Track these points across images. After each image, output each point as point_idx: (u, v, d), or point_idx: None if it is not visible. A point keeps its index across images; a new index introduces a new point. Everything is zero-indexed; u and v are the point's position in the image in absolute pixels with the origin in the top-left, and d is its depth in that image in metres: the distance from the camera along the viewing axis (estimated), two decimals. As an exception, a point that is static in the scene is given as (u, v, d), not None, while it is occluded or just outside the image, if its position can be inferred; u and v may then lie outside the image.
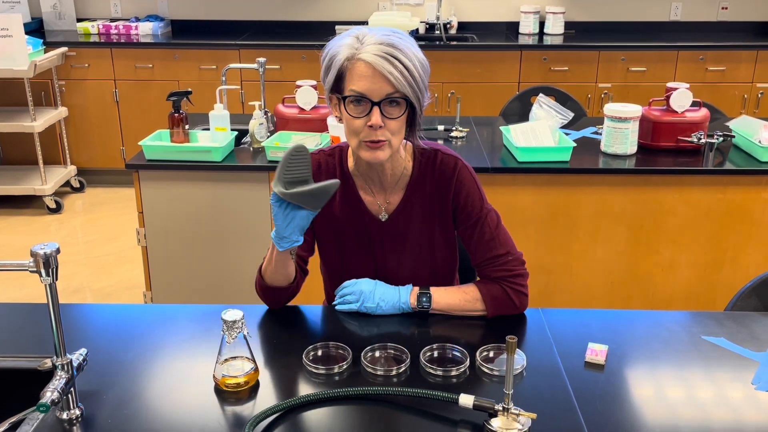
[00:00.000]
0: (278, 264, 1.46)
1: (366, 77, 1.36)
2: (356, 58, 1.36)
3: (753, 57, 4.35)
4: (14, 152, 4.60)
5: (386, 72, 1.34)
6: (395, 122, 1.40)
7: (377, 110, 1.37)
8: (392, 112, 1.39)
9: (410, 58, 1.36)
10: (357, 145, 1.44)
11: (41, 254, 1.09)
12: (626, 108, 2.59)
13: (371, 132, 1.39)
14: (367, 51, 1.35)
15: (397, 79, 1.35)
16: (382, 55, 1.34)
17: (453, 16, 4.84)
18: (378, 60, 1.34)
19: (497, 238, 1.53)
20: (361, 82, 1.36)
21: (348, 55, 1.37)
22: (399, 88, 1.36)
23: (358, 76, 1.37)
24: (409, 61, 1.36)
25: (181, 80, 4.41)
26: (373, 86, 1.36)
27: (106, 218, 4.22)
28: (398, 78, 1.35)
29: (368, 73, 1.36)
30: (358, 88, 1.37)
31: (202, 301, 2.69)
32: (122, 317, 1.55)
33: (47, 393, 1.10)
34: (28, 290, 3.25)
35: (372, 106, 1.37)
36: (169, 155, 2.57)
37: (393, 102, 1.38)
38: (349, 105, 1.40)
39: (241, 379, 1.26)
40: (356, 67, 1.37)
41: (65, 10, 4.87)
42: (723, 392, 1.29)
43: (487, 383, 1.30)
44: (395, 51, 1.35)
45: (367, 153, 1.43)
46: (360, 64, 1.36)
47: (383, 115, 1.38)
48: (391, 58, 1.34)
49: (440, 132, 2.92)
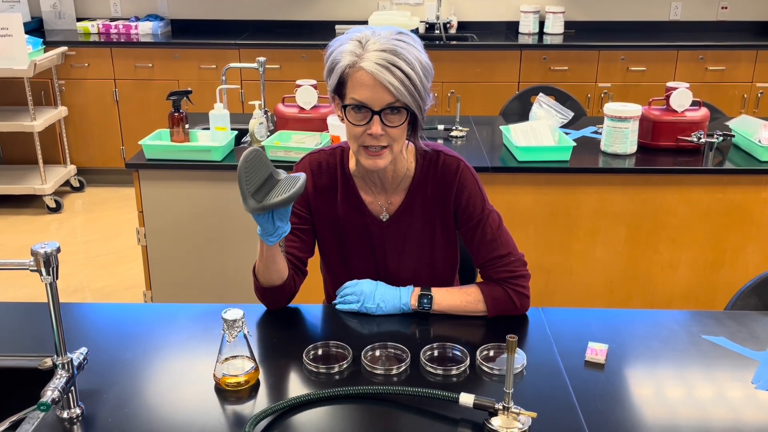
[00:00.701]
0: (269, 260, 1.46)
1: (367, 86, 1.36)
2: (357, 66, 1.36)
3: (753, 57, 4.35)
4: (14, 152, 4.60)
5: (386, 82, 1.34)
6: (396, 129, 1.40)
7: (378, 119, 1.38)
8: (393, 120, 1.39)
9: (412, 65, 1.36)
10: (357, 150, 1.44)
11: (42, 253, 1.09)
12: (626, 107, 2.60)
13: (371, 139, 1.40)
14: (368, 59, 1.35)
15: (398, 89, 1.34)
16: (383, 63, 1.34)
17: (453, 15, 4.85)
18: (379, 70, 1.33)
19: (499, 239, 1.54)
20: (362, 91, 1.36)
21: (349, 62, 1.37)
22: (399, 98, 1.35)
23: (359, 85, 1.36)
24: (411, 68, 1.35)
25: (181, 80, 4.41)
26: (373, 96, 1.36)
27: (106, 218, 4.22)
28: (399, 88, 1.34)
29: (369, 82, 1.35)
30: (359, 97, 1.37)
31: (202, 300, 2.70)
32: (122, 316, 1.56)
33: (48, 392, 1.10)
34: (28, 290, 3.26)
35: (372, 115, 1.38)
36: (169, 155, 2.57)
37: (394, 110, 1.38)
38: (350, 112, 1.40)
39: (242, 378, 1.26)
40: (357, 76, 1.36)
41: (65, 9, 4.87)
42: (723, 391, 1.29)
43: (487, 382, 1.31)
44: (397, 59, 1.34)
45: (367, 160, 1.43)
46: (361, 72, 1.36)
47: (384, 124, 1.38)
48: (393, 67, 1.34)
49: (440, 131, 2.92)
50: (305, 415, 1.20)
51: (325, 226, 1.59)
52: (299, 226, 1.57)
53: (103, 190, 4.63)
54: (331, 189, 1.57)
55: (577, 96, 3.74)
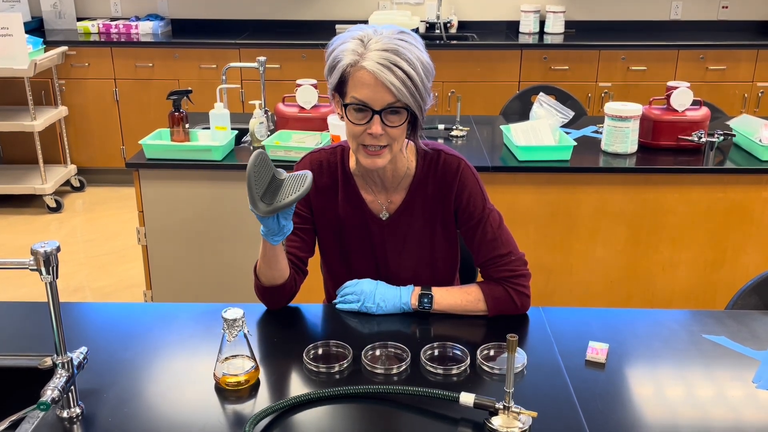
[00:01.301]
0: (272, 259, 1.46)
1: (368, 86, 1.36)
2: (359, 65, 1.36)
3: (753, 56, 4.35)
4: (14, 151, 4.60)
5: (388, 82, 1.34)
6: (396, 129, 1.40)
7: (378, 119, 1.38)
8: (393, 120, 1.39)
9: (413, 65, 1.36)
10: (356, 148, 1.45)
11: (41, 252, 1.09)
12: (626, 107, 2.60)
13: (371, 138, 1.40)
14: (370, 59, 1.35)
15: (399, 90, 1.34)
16: (384, 63, 1.34)
17: (453, 15, 4.85)
18: (380, 69, 1.34)
19: (499, 238, 1.54)
20: (363, 90, 1.36)
21: (351, 61, 1.37)
22: (400, 98, 1.36)
23: (360, 84, 1.37)
24: (412, 68, 1.35)
25: (181, 79, 4.42)
26: (374, 95, 1.36)
27: (106, 217, 4.22)
28: (400, 88, 1.34)
29: (370, 81, 1.35)
30: (360, 96, 1.37)
31: (202, 299, 2.70)
32: (122, 316, 1.56)
33: (48, 391, 1.10)
34: (27, 289, 3.26)
35: (373, 114, 1.38)
36: (169, 154, 2.57)
37: (394, 110, 1.38)
38: (350, 111, 1.40)
39: (242, 377, 1.26)
40: (358, 75, 1.36)
41: (65, 9, 4.87)
42: (723, 391, 1.29)
43: (487, 382, 1.31)
44: (398, 59, 1.34)
45: (366, 159, 1.44)
46: (362, 72, 1.36)
47: (384, 123, 1.39)
48: (394, 67, 1.34)
49: (441, 131, 2.93)
50: (305, 415, 1.21)
51: (326, 225, 1.59)
52: (300, 225, 1.57)
53: (103, 190, 4.64)
54: (332, 188, 1.58)
55: (578, 95, 3.74)
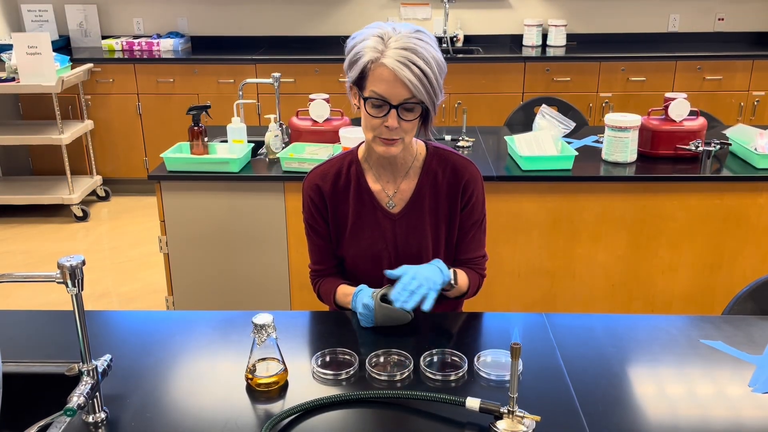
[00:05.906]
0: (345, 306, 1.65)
1: (387, 81, 1.44)
2: (379, 61, 1.44)
3: (749, 66, 4.38)
4: (43, 163, 4.73)
5: (405, 79, 1.42)
6: (410, 123, 1.50)
7: (394, 113, 1.47)
8: (408, 115, 1.49)
9: (429, 63, 1.45)
10: (372, 139, 1.55)
11: (67, 266, 1.13)
12: (626, 117, 2.63)
13: (387, 131, 1.50)
14: (389, 56, 1.43)
15: (415, 86, 1.44)
16: (403, 61, 1.42)
17: (459, 29, 4.92)
18: (399, 67, 1.42)
19: (483, 239, 1.71)
20: (382, 85, 1.45)
21: (372, 57, 1.45)
22: (416, 94, 1.45)
23: (379, 79, 1.45)
24: (428, 66, 1.44)
25: (200, 94, 4.50)
26: (392, 90, 1.45)
27: (130, 225, 4.31)
28: (416, 85, 1.43)
29: (389, 77, 1.43)
30: (379, 91, 1.46)
31: (222, 305, 2.75)
32: (145, 324, 1.58)
33: (74, 398, 1.12)
34: (56, 295, 3.30)
35: (390, 109, 1.48)
36: (189, 166, 2.64)
37: (409, 105, 1.48)
38: (369, 104, 1.48)
39: (271, 379, 1.30)
40: (378, 71, 1.44)
41: (91, 27, 4.99)
42: (722, 394, 1.30)
43: (485, 387, 1.32)
44: (416, 57, 1.42)
45: (381, 148, 1.54)
46: (382, 68, 1.44)
47: (399, 117, 1.48)
48: (411, 65, 1.42)
49: (447, 142, 2.97)
50: (314, 421, 1.22)
51: (336, 224, 1.69)
52: (324, 241, 1.71)
53: (127, 200, 4.73)
54: (345, 189, 1.67)
55: (579, 106, 3.77)
